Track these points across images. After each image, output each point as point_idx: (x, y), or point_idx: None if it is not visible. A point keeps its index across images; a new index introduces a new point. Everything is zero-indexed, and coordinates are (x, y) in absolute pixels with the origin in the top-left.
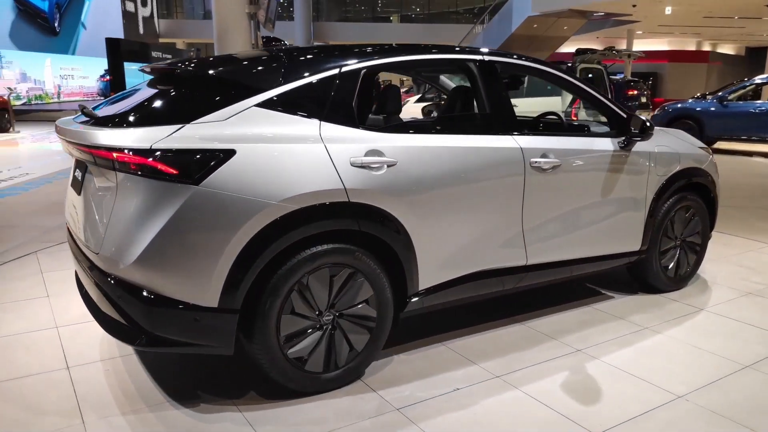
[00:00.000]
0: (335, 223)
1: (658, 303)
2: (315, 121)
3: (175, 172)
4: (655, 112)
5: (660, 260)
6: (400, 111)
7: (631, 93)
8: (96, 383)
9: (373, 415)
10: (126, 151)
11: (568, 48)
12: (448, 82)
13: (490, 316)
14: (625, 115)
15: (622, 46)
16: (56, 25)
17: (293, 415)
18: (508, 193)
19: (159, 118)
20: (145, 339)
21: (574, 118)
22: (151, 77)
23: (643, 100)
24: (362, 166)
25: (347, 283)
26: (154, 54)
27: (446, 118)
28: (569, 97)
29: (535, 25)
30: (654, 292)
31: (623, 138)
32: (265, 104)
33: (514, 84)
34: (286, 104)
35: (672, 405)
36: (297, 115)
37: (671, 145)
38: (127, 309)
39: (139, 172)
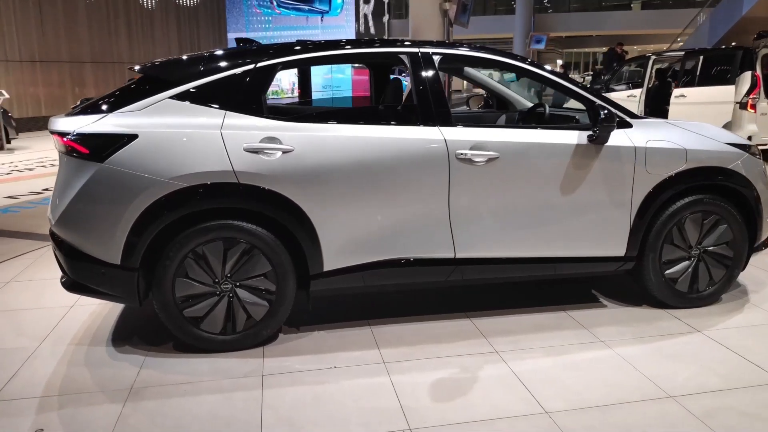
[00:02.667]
0: (226, 201)
1: (650, 318)
2: (221, 111)
3: (86, 151)
4: None
5: (663, 271)
6: (400, 101)
7: None
8: (77, 322)
9: (238, 376)
10: (59, 134)
11: None
12: (477, 74)
13: (441, 307)
14: (598, 105)
15: None
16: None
17: (180, 365)
18: (428, 183)
19: (96, 108)
20: (68, 282)
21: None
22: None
23: None
24: (255, 152)
25: (243, 256)
26: None
27: (367, 108)
28: (746, 85)
29: None
30: (662, 307)
31: (591, 131)
32: (179, 96)
33: (457, 74)
34: (197, 96)
35: (528, 419)
36: (206, 105)
37: (674, 140)
38: (59, 258)
39: (66, 151)
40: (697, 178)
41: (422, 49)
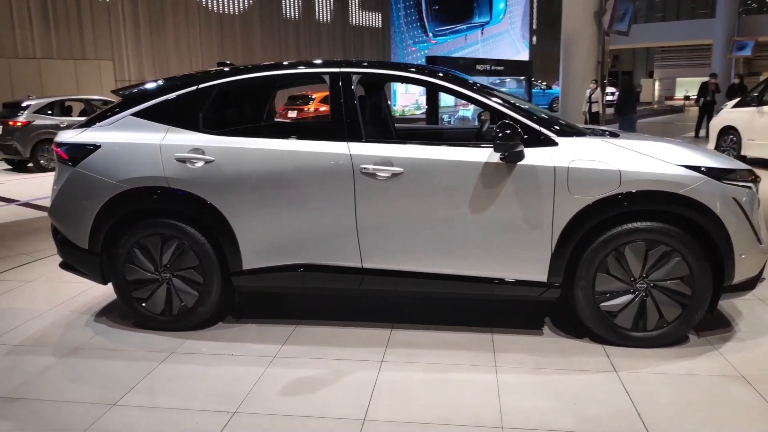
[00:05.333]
0: (160, 202)
1: (574, 351)
2: (165, 126)
3: (66, 157)
4: None
5: (597, 302)
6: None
7: None
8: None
9: (154, 350)
10: (54, 144)
11: None
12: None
13: (374, 316)
14: (522, 122)
15: None
16: None
17: (125, 336)
18: (335, 195)
19: (85, 123)
20: (61, 262)
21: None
22: None
23: None
24: (182, 161)
25: (177, 251)
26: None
27: (285, 123)
28: None
29: None
30: (605, 343)
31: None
32: (138, 114)
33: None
34: (151, 114)
35: (343, 422)
36: (155, 121)
37: (606, 160)
38: (55, 242)
39: (58, 158)
40: (637, 203)
41: (341, 69)
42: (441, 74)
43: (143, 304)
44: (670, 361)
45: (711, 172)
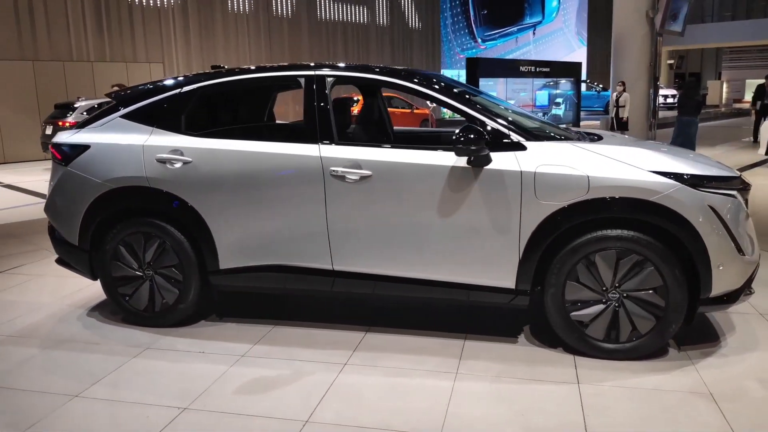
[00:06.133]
0: (142, 201)
1: (544, 361)
2: (149, 128)
3: (59, 157)
4: None
5: (568, 311)
6: (349, 122)
7: None
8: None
9: (130, 345)
10: (50, 144)
11: None
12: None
13: (350, 317)
14: (490, 125)
15: None
16: None
17: (109, 330)
18: (307, 198)
19: (80, 125)
20: (57, 258)
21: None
22: None
23: None
24: (162, 162)
25: (158, 248)
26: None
27: (262, 126)
28: None
29: None
30: (579, 354)
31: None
32: (126, 116)
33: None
34: (137, 116)
35: (285, 422)
36: (141, 123)
37: (574, 165)
38: (50, 238)
39: (52, 157)
40: (606, 210)
41: (316, 72)
42: (403, 74)
43: (128, 300)
44: (640, 374)
45: (686, 179)
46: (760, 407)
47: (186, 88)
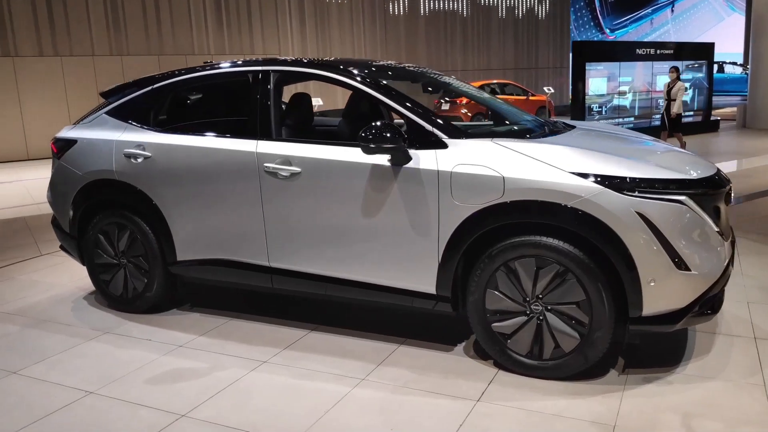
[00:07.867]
0: (113, 194)
1: (458, 373)
2: (123, 123)
3: (56, 151)
4: None
5: (489, 322)
6: (311, 117)
7: None
8: None
9: (98, 329)
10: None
11: None
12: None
13: (303, 315)
14: (413, 120)
15: None
16: None
17: (93, 315)
18: (244, 193)
19: (77, 121)
20: (59, 244)
21: None
22: None
23: None
24: (128, 156)
25: (129, 238)
26: None
27: (218, 122)
28: None
29: None
30: (506, 369)
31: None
32: (109, 112)
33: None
34: (117, 112)
35: (162, 414)
36: (119, 119)
37: (491, 165)
38: (52, 226)
39: (52, 151)
40: (521, 213)
41: (259, 68)
42: (335, 66)
43: (108, 286)
44: (553, 397)
45: (609, 182)
46: None
47: (157, 85)
